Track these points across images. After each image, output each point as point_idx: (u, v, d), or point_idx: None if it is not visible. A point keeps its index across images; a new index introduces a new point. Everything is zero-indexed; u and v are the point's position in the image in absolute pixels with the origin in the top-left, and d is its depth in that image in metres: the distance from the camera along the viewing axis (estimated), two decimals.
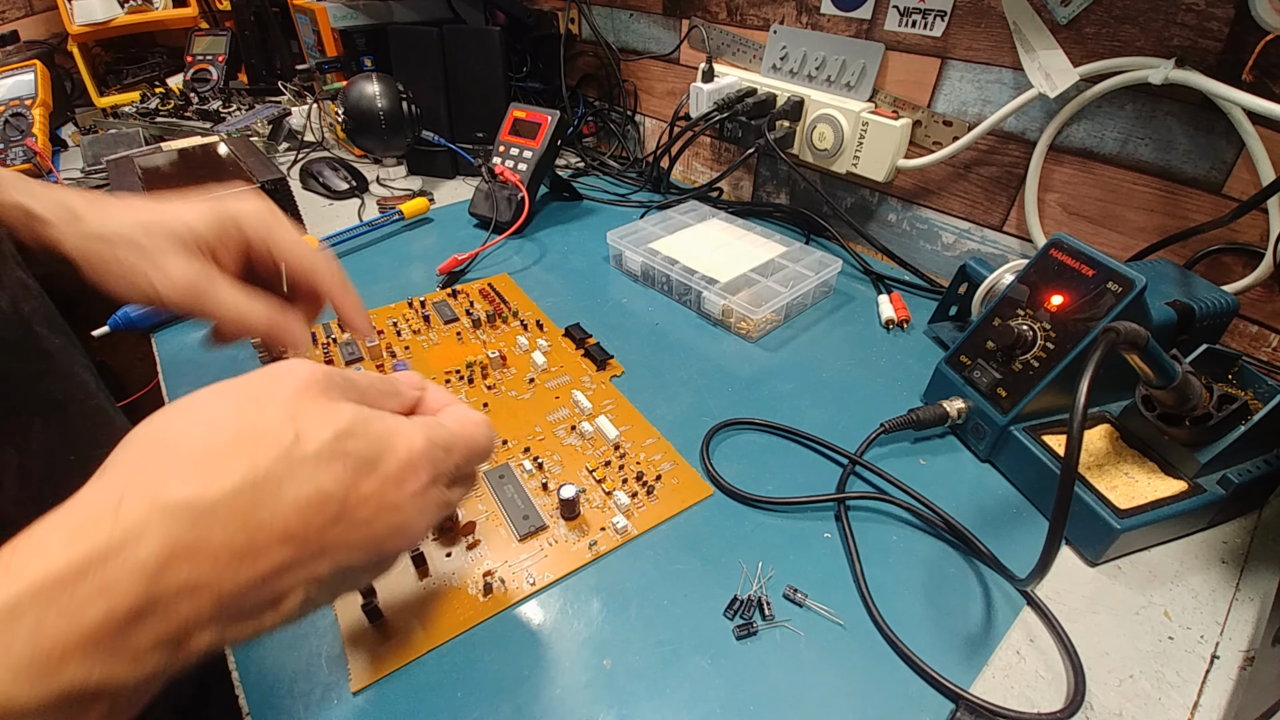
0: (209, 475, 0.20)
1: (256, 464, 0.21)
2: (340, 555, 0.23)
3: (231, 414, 0.22)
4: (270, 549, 0.21)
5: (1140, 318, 0.44)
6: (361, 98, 0.83)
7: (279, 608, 0.22)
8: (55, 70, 1.14)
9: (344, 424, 0.23)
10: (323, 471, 0.22)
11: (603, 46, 1.02)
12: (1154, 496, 0.42)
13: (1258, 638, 0.38)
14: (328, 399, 0.24)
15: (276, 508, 0.21)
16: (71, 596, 0.18)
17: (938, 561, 0.42)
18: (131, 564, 0.19)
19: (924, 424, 0.49)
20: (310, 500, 0.22)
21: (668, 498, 0.45)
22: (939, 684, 0.35)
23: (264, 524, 0.21)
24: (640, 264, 0.70)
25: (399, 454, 0.24)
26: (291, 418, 0.22)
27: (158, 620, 0.19)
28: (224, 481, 0.20)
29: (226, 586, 0.20)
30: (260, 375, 0.24)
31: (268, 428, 0.22)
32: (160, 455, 0.21)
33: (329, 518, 0.22)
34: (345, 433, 0.23)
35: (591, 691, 0.34)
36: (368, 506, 0.23)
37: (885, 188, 0.78)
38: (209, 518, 0.20)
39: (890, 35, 0.69)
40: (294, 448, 0.22)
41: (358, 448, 0.23)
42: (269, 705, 0.33)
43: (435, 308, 0.64)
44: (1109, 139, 0.58)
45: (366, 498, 0.23)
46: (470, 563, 0.40)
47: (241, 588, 0.20)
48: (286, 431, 0.22)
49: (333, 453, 0.22)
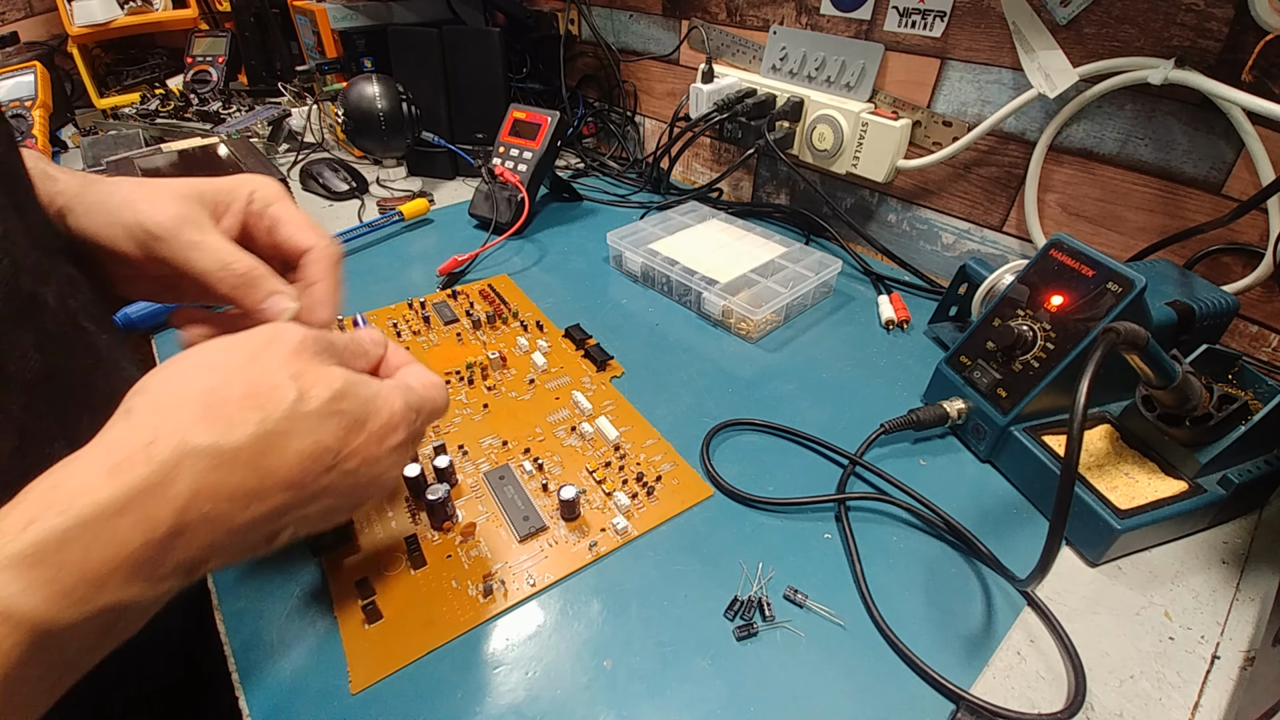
0: (228, 424, 0.23)
1: (267, 417, 0.24)
2: (328, 499, 0.27)
3: (240, 369, 0.25)
4: (275, 492, 0.24)
5: (1140, 318, 0.44)
6: (361, 99, 0.83)
7: (273, 541, 0.26)
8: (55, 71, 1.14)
9: (339, 386, 0.26)
10: (322, 427, 0.25)
11: (602, 47, 1.02)
12: (1154, 497, 0.42)
13: (1258, 638, 0.38)
14: (319, 361, 0.27)
15: (283, 456, 0.24)
16: (115, 526, 0.21)
17: (938, 562, 0.42)
18: (166, 499, 0.22)
19: (924, 424, 0.49)
20: (311, 451, 0.25)
21: (668, 498, 0.45)
22: (939, 684, 0.35)
23: (271, 470, 0.24)
24: (640, 265, 0.70)
25: (382, 415, 0.28)
26: (294, 376, 0.25)
27: (181, 548, 0.22)
28: (241, 431, 0.23)
29: (237, 522, 0.23)
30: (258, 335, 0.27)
31: (274, 384, 0.25)
32: (182, 403, 0.24)
33: (324, 467, 0.26)
34: (340, 394, 0.26)
35: (592, 692, 0.34)
36: (355, 459, 0.27)
37: (885, 188, 0.78)
38: (229, 462, 0.23)
39: (890, 36, 0.69)
40: (298, 404, 0.25)
41: (349, 408, 0.27)
42: (269, 706, 0.33)
43: (435, 309, 0.64)
44: (1109, 139, 0.59)
45: (355, 451, 0.27)
46: (470, 564, 0.40)
47: (248, 524, 0.24)
48: (290, 389, 0.25)
49: (330, 411, 0.26)
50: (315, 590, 0.38)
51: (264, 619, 0.37)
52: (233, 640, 0.36)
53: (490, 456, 0.48)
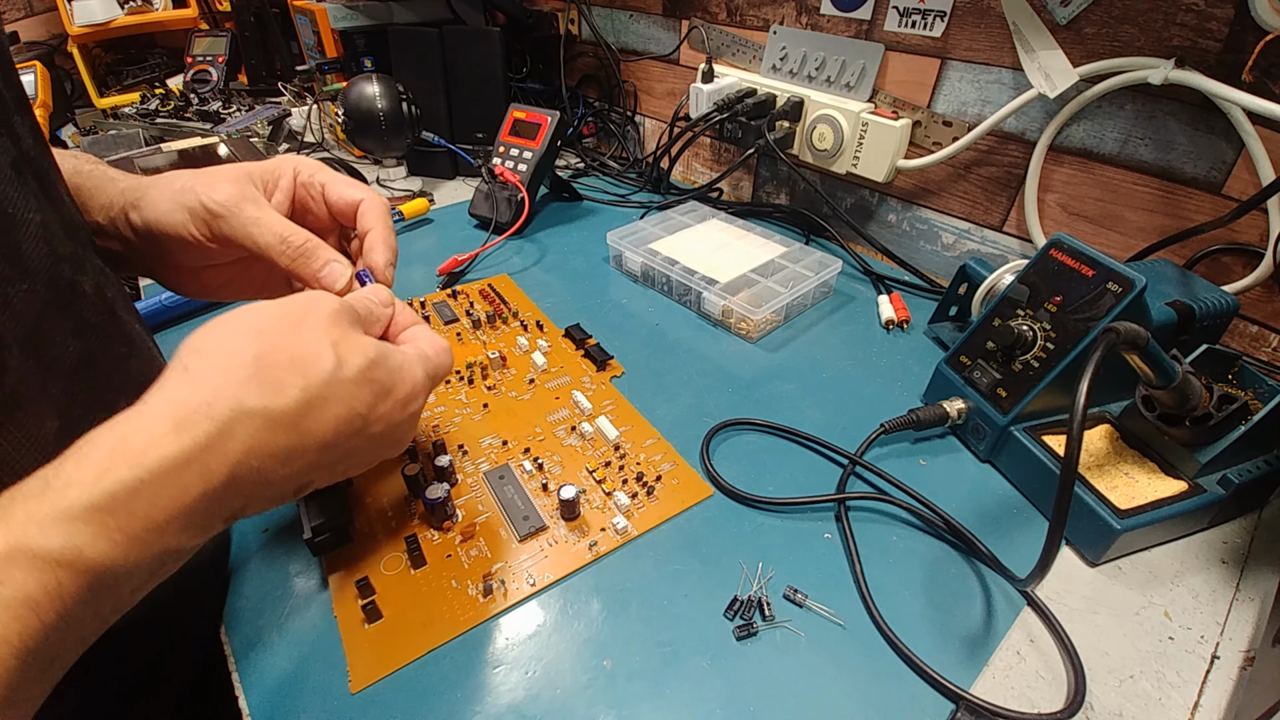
0: (277, 388, 0.25)
1: (310, 383, 0.26)
2: (353, 459, 0.29)
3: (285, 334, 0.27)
4: (310, 452, 0.27)
5: (1140, 318, 0.44)
6: (361, 98, 0.83)
7: (301, 492, 0.28)
8: (55, 71, 1.14)
9: (373, 355, 0.29)
10: (356, 394, 0.28)
11: (603, 47, 1.02)
12: (1154, 497, 0.42)
13: (1258, 638, 0.38)
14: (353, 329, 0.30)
15: (321, 420, 0.27)
16: (180, 478, 0.23)
17: (938, 562, 0.42)
18: (224, 455, 0.24)
19: (924, 424, 0.49)
20: (345, 416, 0.27)
21: (668, 498, 0.45)
22: (939, 684, 0.35)
23: (310, 432, 0.26)
24: (640, 264, 0.70)
25: (406, 384, 0.30)
26: (333, 344, 0.28)
27: (230, 500, 0.25)
28: (288, 395, 0.26)
29: (277, 476, 0.26)
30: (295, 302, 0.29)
31: (316, 351, 0.27)
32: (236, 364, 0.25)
33: (354, 430, 0.28)
34: (373, 363, 0.29)
35: (592, 692, 0.34)
36: (380, 424, 0.29)
37: (885, 188, 0.78)
38: (276, 424, 0.25)
39: (890, 36, 0.69)
40: (337, 371, 0.27)
41: (380, 376, 0.29)
42: (269, 705, 0.33)
43: (435, 308, 0.64)
44: (1109, 139, 0.59)
45: (381, 416, 0.29)
46: (470, 563, 0.40)
47: (286, 478, 0.26)
48: (330, 357, 0.27)
49: (364, 379, 0.28)
50: (315, 590, 0.38)
51: (264, 618, 0.37)
52: (233, 639, 0.36)
53: (490, 456, 0.48)
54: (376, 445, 0.30)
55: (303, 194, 0.39)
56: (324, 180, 0.39)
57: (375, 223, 0.39)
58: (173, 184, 0.36)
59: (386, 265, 0.38)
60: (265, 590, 0.38)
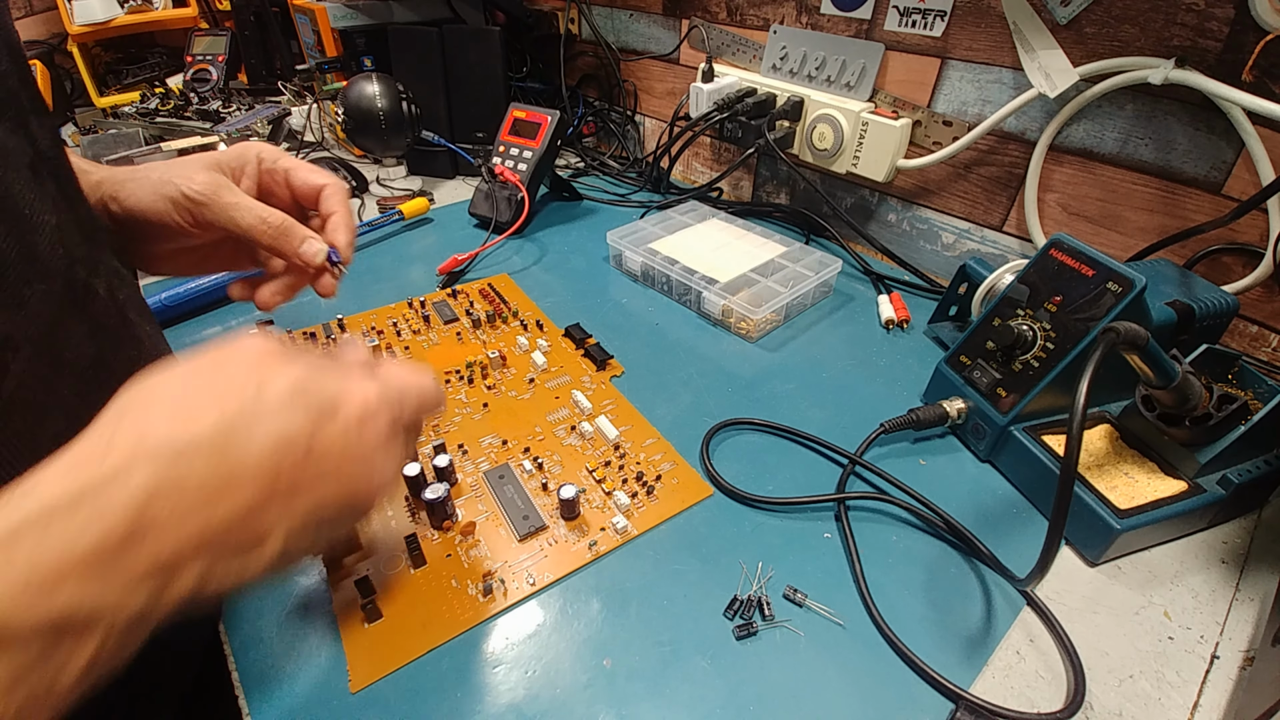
0: (186, 419, 0.23)
1: (226, 410, 0.24)
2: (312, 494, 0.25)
3: (204, 373, 0.25)
4: (245, 485, 0.23)
5: (1140, 318, 0.44)
6: (361, 98, 0.83)
7: (261, 547, 0.24)
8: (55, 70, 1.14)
9: (299, 375, 0.26)
10: (284, 416, 0.25)
11: (603, 46, 1.02)
12: (1154, 496, 0.42)
13: (1258, 638, 0.38)
14: (282, 363, 0.27)
15: (247, 447, 0.23)
16: (67, 523, 0.20)
17: (938, 561, 0.42)
18: (122, 494, 0.21)
19: (924, 424, 0.49)
20: (276, 442, 0.24)
21: (667, 498, 0.45)
22: (939, 684, 0.35)
23: (237, 461, 0.23)
24: (640, 264, 0.70)
25: (354, 403, 0.27)
26: (256, 373, 0.25)
27: (147, 547, 0.21)
28: (200, 424, 0.23)
29: (208, 519, 0.22)
30: (225, 346, 0.27)
31: (237, 382, 0.25)
32: (143, 406, 0.24)
33: (297, 457, 0.25)
34: (300, 385, 0.26)
35: (591, 692, 0.34)
36: (333, 448, 0.26)
37: (885, 188, 0.78)
38: (188, 455, 0.22)
39: (890, 35, 0.69)
40: (257, 396, 0.25)
41: (312, 398, 0.26)
42: (269, 705, 0.33)
43: (435, 308, 0.64)
44: (1109, 139, 0.58)
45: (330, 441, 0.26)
46: (470, 563, 0.40)
47: (223, 521, 0.23)
48: (250, 386, 0.25)
49: (292, 402, 0.25)
50: (315, 589, 0.38)
51: (264, 618, 0.37)
52: (232, 639, 0.36)
53: (490, 456, 0.48)
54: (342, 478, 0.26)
55: (267, 179, 0.42)
56: (287, 166, 0.42)
57: (338, 206, 0.42)
58: (150, 176, 0.38)
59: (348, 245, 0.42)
60: (265, 590, 0.38)
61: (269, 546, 0.24)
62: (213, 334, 0.60)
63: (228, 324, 0.62)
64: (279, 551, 0.25)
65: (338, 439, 0.26)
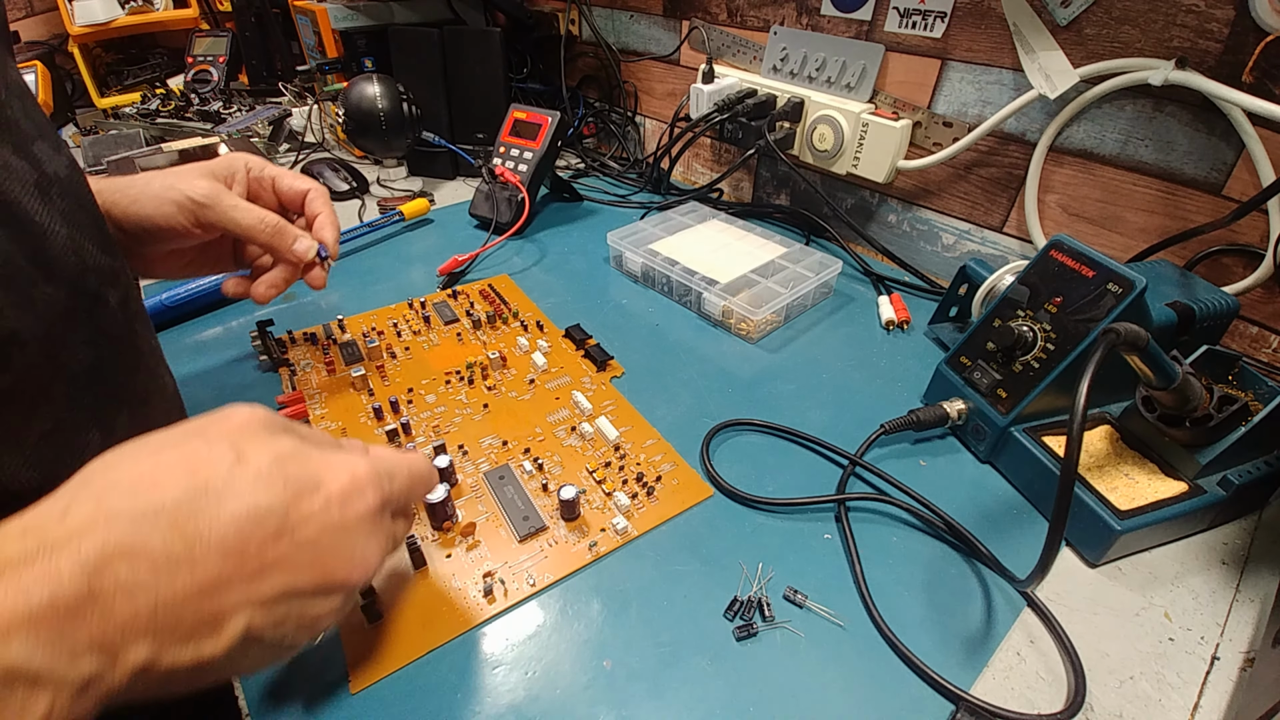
0: (151, 488, 0.22)
1: (196, 479, 0.22)
2: (282, 576, 0.23)
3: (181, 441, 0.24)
4: (207, 559, 0.22)
5: (1140, 319, 0.44)
6: (362, 99, 0.83)
7: (219, 631, 0.22)
8: (56, 71, 1.14)
9: (285, 450, 0.25)
10: (261, 489, 0.23)
11: (603, 47, 1.03)
12: (1154, 498, 0.42)
13: (1258, 639, 0.38)
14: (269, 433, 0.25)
15: (215, 519, 0.22)
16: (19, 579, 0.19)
17: (938, 562, 0.42)
18: (74, 557, 0.20)
19: (924, 425, 0.49)
20: (248, 515, 0.23)
21: (668, 499, 0.45)
22: (939, 685, 0.35)
23: (201, 533, 0.22)
24: (640, 265, 0.70)
25: (341, 477, 0.25)
26: (233, 445, 0.24)
27: (96, 617, 0.20)
28: (165, 493, 0.22)
29: (164, 593, 0.21)
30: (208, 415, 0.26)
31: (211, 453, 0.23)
32: (108, 475, 0.23)
33: (268, 534, 0.23)
34: (286, 457, 0.24)
35: (591, 692, 0.34)
36: (311, 525, 0.24)
37: (885, 189, 0.78)
38: (148, 523, 0.21)
39: (890, 36, 0.69)
40: (234, 467, 0.23)
41: (297, 472, 0.24)
42: (269, 705, 0.33)
43: (435, 308, 0.64)
44: (1109, 140, 0.59)
45: (309, 516, 0.24)
46: (470, 564, 0.40)
47: (179, 596, 0.21)
48: (228, 455, 0.23)
49: (272, 475, 0.24)
50: None
51: None
52: None
53: (490, 456, 0.48)
54: (319, 558, 0.24)
55: (255, 186, 0.47)
56: (273, 174, 0.47)
57: (323, 207, 0.47)
58: (150, 185, 0.41)
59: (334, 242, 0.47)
60: None
61: (227, 631, 0.22)
62: (212, 334, 0.60)
63: (228, 324, 0.62)
64: (238, 637, 0.23)
65: (317, 515, 0.24)
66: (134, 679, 0.21)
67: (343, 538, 0.25)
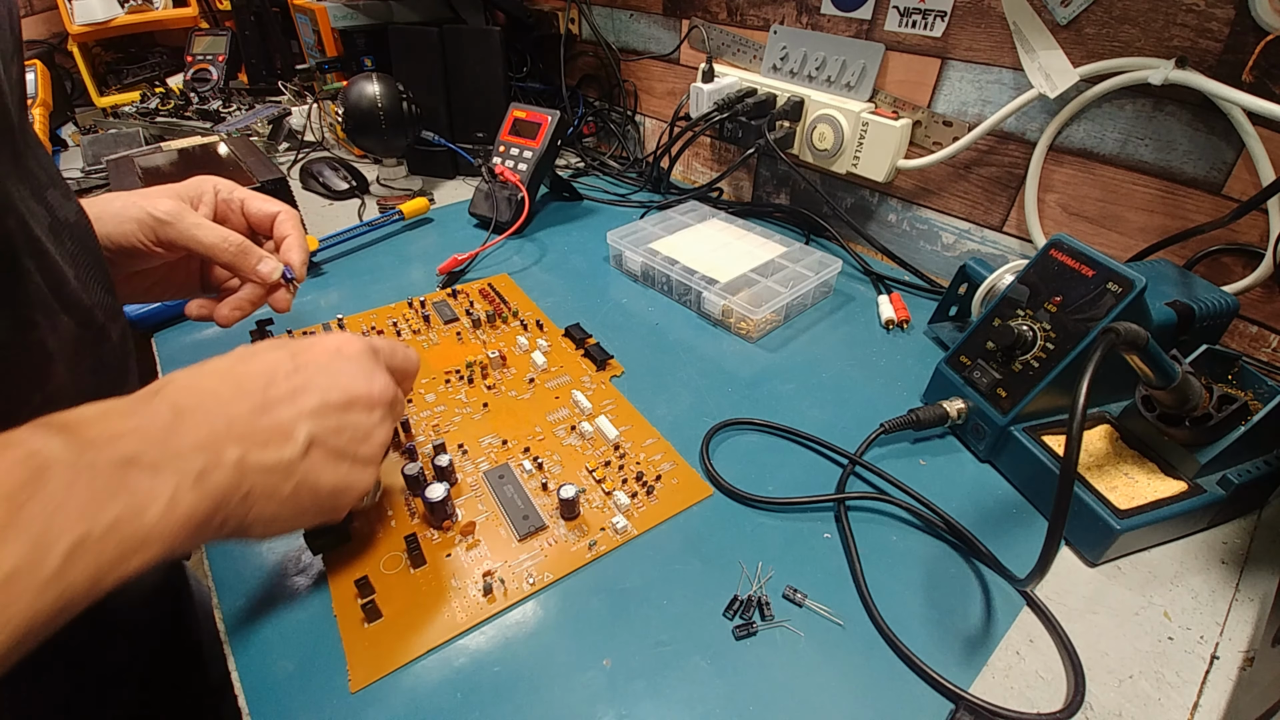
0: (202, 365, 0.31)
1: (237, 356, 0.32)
2: (312, 395, 0.32)
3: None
4: (252, 391, 0.30)
5: (1140, 318, 0.44)
6: (361, 97, 0.83)
7: (290, 438, 0.30)
8: (55, 70, 1.14)
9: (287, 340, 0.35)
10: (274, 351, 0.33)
11: (603, 47, 1.02)
12: (1154, 497, 0.42)
13: (1257, 638, 0.38)
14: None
15: (248, 368, 0.31)
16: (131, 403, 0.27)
17: (937, 562, 0.42)
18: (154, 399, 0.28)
19: (924, 424, 0.49)
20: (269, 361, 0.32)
21: (667, 498, 0.45)
22: (938, 684, 0.35)
23: (243, 374, 0.31)
24: (640, 264, 0.70)
25: (328, 340, 0.35)
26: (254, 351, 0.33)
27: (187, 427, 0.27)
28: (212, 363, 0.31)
29: (231, 413, 0.29)
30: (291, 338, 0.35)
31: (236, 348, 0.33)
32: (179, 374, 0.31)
33: (287, 370, 0.32)
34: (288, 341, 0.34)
35: (591, 691, 0.34)
36: (315, 361, 0.33)
37: (885, 188, 0.78)
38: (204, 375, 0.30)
39: (890, 35, 0.69)
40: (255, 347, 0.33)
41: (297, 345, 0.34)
42: (269, 705, 0.33)
43: (435, 308, 0.64)
44: (1109, 139, 0.59)
45: (312, 358, 0.33)
46: (470, 563, 0.40)
47: (243, 415, 0.29)
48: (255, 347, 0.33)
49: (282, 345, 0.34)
50: (315, 589, 0.38)
51: (264, 618, 0.37)
52: (232, 639, 0.36)
53: (490, 455, 0.48)
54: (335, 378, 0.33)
55: (223, 208, 0.46)
56: (242, 196, 0.47)
57: (291, 230, 0.47)
58: (112, 203, 0.41)
59: (301, 264, 0.46)
60: (265, 590, 0.38)
61: (296, 437, 0.30)
62: (212, 334, 0.60)
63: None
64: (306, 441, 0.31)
65: (317, 355, 0.33)
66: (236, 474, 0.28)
67: (345, 364, 0.34)
